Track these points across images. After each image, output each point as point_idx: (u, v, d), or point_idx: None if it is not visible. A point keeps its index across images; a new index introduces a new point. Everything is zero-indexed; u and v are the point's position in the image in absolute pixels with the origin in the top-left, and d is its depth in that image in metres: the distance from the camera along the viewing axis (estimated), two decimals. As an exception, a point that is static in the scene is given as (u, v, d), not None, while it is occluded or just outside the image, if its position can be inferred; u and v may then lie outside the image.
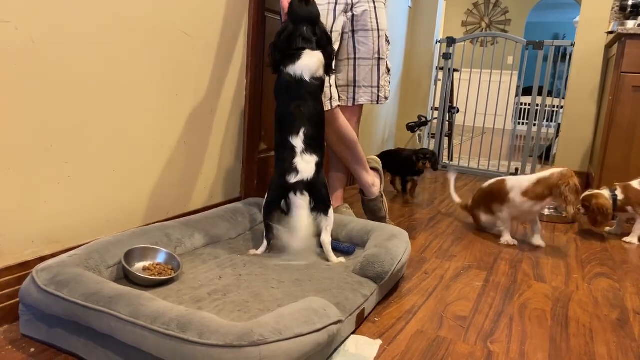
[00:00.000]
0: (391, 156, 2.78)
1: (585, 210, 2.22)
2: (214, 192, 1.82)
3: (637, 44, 2.45)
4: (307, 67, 1.50)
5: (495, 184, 2.12)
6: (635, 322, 1.39)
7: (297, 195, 1.44)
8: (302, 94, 1.50)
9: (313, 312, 0.98)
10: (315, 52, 1.53)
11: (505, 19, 8.35)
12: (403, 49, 3.68)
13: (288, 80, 1.50)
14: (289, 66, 1.50)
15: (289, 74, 1.50)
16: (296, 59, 1.50)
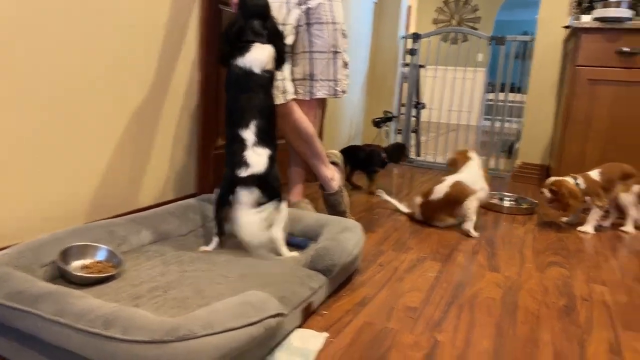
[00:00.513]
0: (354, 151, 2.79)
1: (554, 196, 2.23)
2: (167, 188, 1.78)
3: (592, 37, 2.51)
4: (256, 59, 1.48)
5: (454, 192, 2.08)
6: (582, 308, 1.41)
7: (245, 190, 1.41)
8: (252, 87, 1.48)
9: (250, 306, 0.96)
10: (266, 45, 1.51)
11: (475, 16, 8.47)
12: (369, 45, 3.68)
13: (237, 73, 1.48)
14: (238, 58, 1.48)
15: (238, 66, 1.48)
16: (245, 51, 1.48)
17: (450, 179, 2.13)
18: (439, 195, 2.10)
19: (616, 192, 2.27)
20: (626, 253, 1.99)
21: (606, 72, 2.48)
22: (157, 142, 1.71)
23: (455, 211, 2.12)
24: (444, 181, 2.13)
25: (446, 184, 2.11)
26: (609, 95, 2.49)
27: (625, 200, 2.28)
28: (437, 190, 2.11)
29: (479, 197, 2.09)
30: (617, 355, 1.16)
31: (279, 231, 1.49)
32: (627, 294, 1.54)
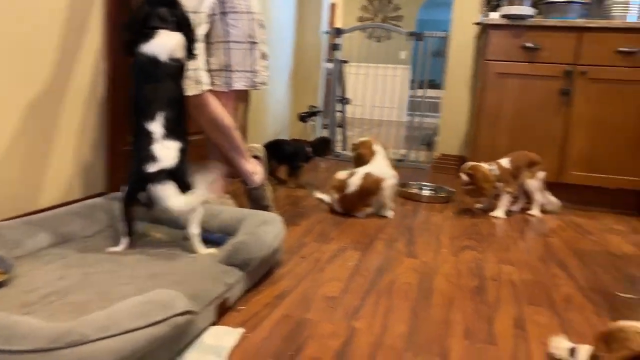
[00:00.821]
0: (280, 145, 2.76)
1: (470, 179, 2.34)
2: (72, 188, 1.65)
3: (499, 33, 2.65)
4: (163, 46, 1.41)
5: (367, 184, 2.15)
6: (492, 288, 1.49)
7: (159, 185, 1.33)
8: (159, 76, 1.40)
9: (154, 305, 0.90)
10: (174, 32, 1.44)
11: (398, 15, 8.73)
12: (292, 40, 3.66)
13: (143, 61, 1.40)
14: (143, 46, 1.40)
15: (143, 54, 1.40)
16: (150, 38, 1.40)
17: (361, 171, 2.19)
18: (354, 188, 2.14)
19: (523, 179, 2.43)
20: (533, 235, 2.13)
21: (512, 66, 2.64)
22: (58, 137, 1.58)
23: (370, 201, 2.19)
24: (355, 174, 2.17)
25: (358, 177, 2.16)
26: (515, 88, 2.65)
27: (532, 186, 2.44)
28: (351, 183, 2.15)
29: (390, 184, 2.19)
30: (521, 329, 1.23)
31: (195, 227, 1.43)
32: (532, 272, 1.65)
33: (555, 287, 1.53)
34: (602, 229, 2.28)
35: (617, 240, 2.10)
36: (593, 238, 2.11)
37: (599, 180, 2.61)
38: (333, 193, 2.20)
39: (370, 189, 2.16)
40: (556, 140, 2.63)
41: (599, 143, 2.59)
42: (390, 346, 1.10)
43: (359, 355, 1.06)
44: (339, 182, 2.19)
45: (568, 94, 2.58)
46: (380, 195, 2.18)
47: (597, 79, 2.54)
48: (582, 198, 2.68)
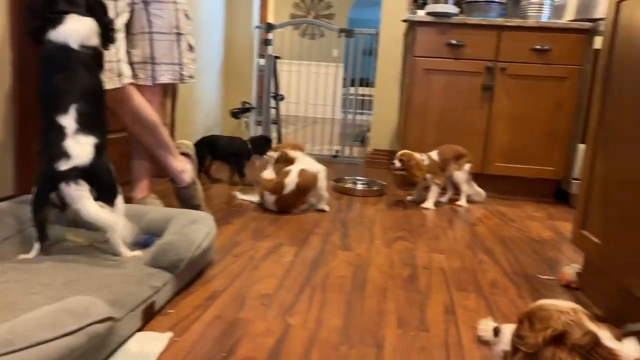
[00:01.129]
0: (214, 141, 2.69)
1: (403, 165, 2.39)
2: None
3: (426, 30, 2.74)
4: (73, 32, 1.30)
5: (305, 180, 2.15)
6: (423, 276, 1.52)
7: (71, 185, 1.23)
8: (70, 65, 1.29)
9: (67, 314, 0.83)
10: (85, 17, 1.33)
11: (329, 13, 8.82)
12: (222, 36, 3.57)
13: (51, 49, 1.28)
14: (50, 32, 1.28)
15: (51, 41, 1.28)
16: (58, 23, 1.28)
17: (294, 169, 2.18)
18: (292, 187, 2.13)
19: (450, 171, 2.52)
20: (461, 224, 2.22)
21: (438, 62, 2.74)
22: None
23: (307, 197, 2.19)
24: (289, 173, 2.16)
25: (294, 175, 2.15)
26: (441, 84, 2.75)
27: (459, 178, 2.54)
28: (288, 183, 2.13)
29: (324, 176, 2.24)
30: (451, 314, 1.27)
31: (116, 229, 1.34)
32: (460, 259, 1.71)
33: (482, 272, 1.59)
34: (523, 216, 2.42)
35: (536, 226, 2.24)
36: (515, 225, 2.23)
37: (519, 170, 2.77)
38: (268, 195, 2.16)
39: (309, 185, 2.17)
40: (480, 134, 2.76)
41: (517, 136, 2.75)
42: (325, 340, 1.09)
43: (293, 351, 1.04)
44: (275, 183, 2.16)
45: (490, 89, 2.71)
46: (317, 189, 2.21)
47: (515, 75, 2.69)
48: (505, 188, 2.84)
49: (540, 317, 0.75)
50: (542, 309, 0.76)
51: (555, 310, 0.74)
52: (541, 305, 0.78)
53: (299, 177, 2.15)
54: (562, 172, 2.73)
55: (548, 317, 0.73)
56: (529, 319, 0.77)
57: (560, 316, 0.73)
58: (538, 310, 0.76)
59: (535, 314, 0.76)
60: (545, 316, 0.74)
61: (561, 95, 2.67)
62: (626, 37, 1.31)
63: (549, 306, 0.76)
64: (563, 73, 2.65)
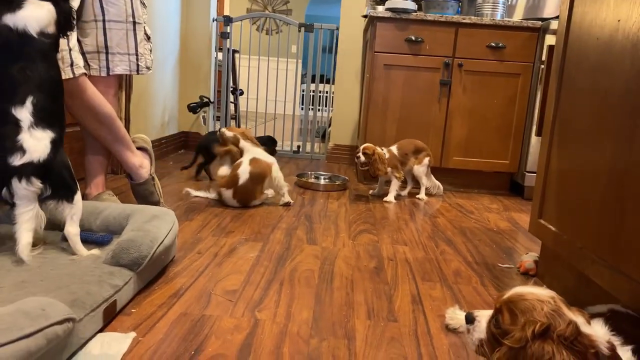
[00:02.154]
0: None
1: (367, 159, 2.42)
2: None
3: (386, 26, 2.76)
4: (33, 18, 1.21)
5: (258, 168, 2.13)
6: (389, 268, 1.54)
7: (22, 182, 1.15)
8: (28, 53, 1.21)
9: (22, 315, 0.77)
10: (44, 3, 1.25)
11: (287, 8, 8.77)
12: (178, 27, 3.46)
13: (7, 35, 1.19)
14: (6, 16, 1.19)
15: (7, 26, 1.19)
16: (16, 7, 1.19)
17: (245, 159, 2.15)
18: (246, 176, 2.10)
19: (410, 165, 2.56)
20: (421, 216, 2.26)
21: (398, 58, 2.77)
22: None
23: (263, 186, 2.18)
24: (241, 164, 2.12)
25: (246, 165, 2.12)
26: (401, 79, 2.79)
27: (418, 172, 2.59)
28: (241, 173, 2.10)
29: (277, 167, 2.22)
30: (418, 304, 1.28)
31: (74, 227, 1.27)
32: (423, 250, 1.74)
33: (445, 262, 1.63)
34: (480, 208, 2.49)
35: (493, 217, 2.31)
36: (473, 217, 2.30)
37: (475, 164, 2.85)
38: (224, 190, 2.11)
39: (262, 173, 2.15)
40: (438, 128, 2.82)
41: (474, 130, 2.83)
42: (296, 334, 1.08)
43: (264, 346, 1.02)
44: (228, 177, 2.12)
45: (447, 85, 2.77)
46: (273, 179, 2.19)
47: (471, 71, 2.76)
48: (462, 181, 2.92)
49: (522, 308, 0.73)
50: (522, 298, 0.74)
51: (536, 300, 0.73)
52: (520, 294, 0.76)
53: (251, 166, 2.12)
54: (516, 165, 2.83)
55: (530, 309, 0.72)
56: (510, 309, 0.75)
57: (542, 307, 0.71)
58: (518, 300, 0.75)
59: (515, 304, 0.74)
60: (527, 307, 0.73)
61: (514, 91, 2.77)
62: (578, 33, 1.37)
63: (528, 295, 0.75)
64: (516, 69, 2.74)
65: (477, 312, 0.82)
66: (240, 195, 2.11)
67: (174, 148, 3.50)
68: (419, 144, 2.60)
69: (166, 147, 3.31)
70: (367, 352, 1.03)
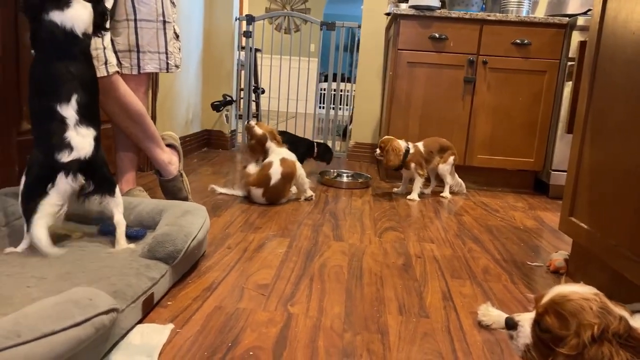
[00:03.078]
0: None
1: (381, 152, 2.45)
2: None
3: (410, 23, 2.75)
4: (79, 19, 1.25)
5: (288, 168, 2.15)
6: (417, 265, 1.54)
7: (68, 178, 1.19)
8: (73, 52, 1.25)
9: (72, 304, 0.80)
10: (87, 3, 1.28)
11: (305, 7, 8.79)
12: (202, 27, 3.50)
13: (53, 32, 1.22)
14: (54, 13, 1.22)
15: (55, 23, 1.22)
16: (65, 6, 1.22)
17: (275, 159, 2.16)
18: (277, 177, 2.12)
19: (434, 163, 2.55)
20: (446, 214, 2.25)
21: (421, 55, 2.76)
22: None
23: (291, 185, 2.21)
24: (271, 165, 2.14)
25: (277, 166, 2.14)
26: (424, 76, 2.78)
27: (443, 170, 2.58)
28: (273, 173, 2.12)
29: (299, 165, 2.26)
30: (449, 300, 1.28)
31: (121, 217, 1.31)
32: (450, 248, 1.73)
33: (473, 260, 1.62)
34: (505, 206, 2.47)
35: (519, 216, 2.29)
36: (499, 215, 2.28)
37: (500, 162, 2.83)
38: (254, 189, 2.13)
39: (292, 172, 2.18)
40: (462, 126, 2.80)
41: (498, 128, 2.80)
42: (329, 328, 1.09)
43: (299, 339, 1.03)
44: (259, 176, 2.13)
45: (471, 82, 2.75)
46: (297, 177, 2.22)
47: (495, 68, 2.74)
48: (486, 179, 2.89)
49: (570, 310, 0.69)
50: (566, 299, 0.70)
51: (582, 300, 0.69)
52: (563, 294, 0.72)
53: (282, 166, 2.14)
54: (541, 163, 2.80)
55: (579, 310, 0.68)
56: (556, 312, 0.71)
57: (590, 306, 0.68)
58: (563, 301, 0.71)
59: (561, 306, 0.70)
60: (575, 308, 0.69)
61: (540, 88, 2.74)
62: (613, 28, 1.35)
63: (572, 295, 0.71)
64: (542, 66, 2.71)
65: (517, 316, 0.79)
66: (270, 194, 2.13)
67: (197, 146, 3.54)
68: (445, 143, 2.58)
69: (190, 145, 3.35)
70: (401, 346, 1.03)
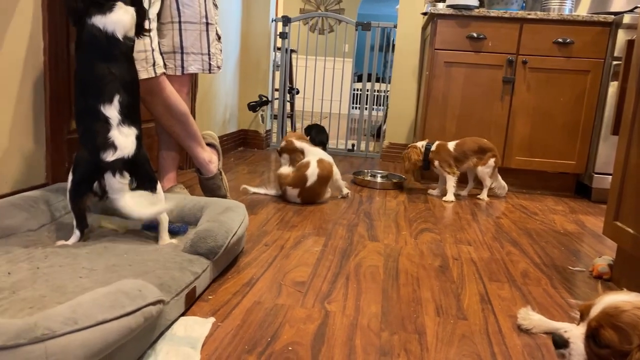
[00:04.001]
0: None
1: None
2: (7, 178, 1.51)
3: (447, 23, 2.72)
4: (121, 23, 1.30)
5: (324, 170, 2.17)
6: (454, 267, 1.52)
7: (117, 176, 1.24)
8: (115, 55, 1.30)
9: (123, 295, 0.83)
10: (129, 7, 1.34)
11: (339, 8, 8.80)
12: (239, 28, 3.57)
13: (96, 36, 1.28)
14: (97, 18, 1.28)
15: (97, 27, 1.28)
16: (107, 10, 1.28)
17: (312, 160, 2.18)
18: (314, 178, 2.14)
19: (471, 165, 2.51)
20: (484, 217, 2.21)
21: (459, 55, 2.72)
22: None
23: (327, 186, 2.24)
24: (308, 165, 2.16)
25: (314, 166, 2.15)
26: (461, 76, 2.74)
27: (482, 173, 2.53)
28: (310, 174, 2.14)
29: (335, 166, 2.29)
30: (487, 303, 1.27)
31: (164, 213, 1.36)
32: (488, 250, 1.71)
33: (512, 263, 1.59)
34: (545, 210, 2.41)
35: (559, 219, 2.23)
36: (538, 218, 2.23)
37: (539, 164, 2.76)
38: (290, 189, 2.16)
39: (329, 174, 2.20)
40: (501, 127, 2.75)
41: (538, 129, 2.74)
42: (367, 326, 1.10)
43: (336, 337, 1.04)
44: (296, 176, 2.16)
45: (510, 82, 2.70)
46: (334, 181, 2.26)
47: (536, 68, 2.68)
48: (524, 182, 2.83)
49: (628, 322, 0.67)
50: (620, 310, 0.68)
51: (636, 309, 0.67)
52: (615, 305, 0.69)
53: (319, 168, 2.16)
54: (583, 166, 2.71)
55: (637, 321, 0.66)
56: (613, 325, 0.68)
57: None
58: (617, 313, 0.68)
59: (617, 318, 0.68)
60: (633, 320, 0.66)
61: (583, 88, 2.66)
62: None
63: (624, 305, 0.68)
64: (585, 66, 2.63)
65: (565, 332, 0.76)
66: (306, 194, 2.15)
67: (233, 145, 3.61)
68: (485, 144, 2.53)
69: (227, 145, 3.42)
70: (439, 347, 1.03)
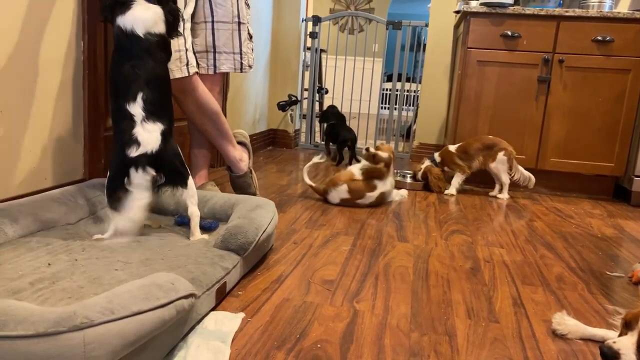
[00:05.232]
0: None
1: (427, 182, 2.56)
2: (47, 173, 1.56)
3: (480, 21, 2.68)
4: (139, 19, 1.32)
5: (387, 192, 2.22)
6: (486, 269, 1.49)
7: (139, 171, 1.27)
8: (137, 52, 1.32)
9: (157, 287, 0.85)
10: (151, 5, 1.36)
11: (370, 7, 8.76)
12: (270, 28, 3.60)
13: (119, 34, 1.32)
14: (119, 17, 1.31)
15: (119, 26, 1.31)
16: (126, 8, 1.31)
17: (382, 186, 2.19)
18: (370, 200, 2.16)
19: (479, 163, 2.49)
20: (517, 219, 2.16)
21: (492, 54, 2.67)
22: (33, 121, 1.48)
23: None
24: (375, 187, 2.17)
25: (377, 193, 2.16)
26: (495, 75, 2.68)
27: (495, 169, 2.49)
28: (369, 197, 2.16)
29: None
30: (520, 306, 1.24)
31: (196, 208, 1.38)
32: (521, 253, 1.67)
33: (546, 267, 1.55)
34: (581, 213, 2.33)
35: (596, 223, 2.16)
36: (574, 222, 2.16)
37: (575, 166, 2.68)
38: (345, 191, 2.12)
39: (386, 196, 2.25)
40: (535, 127, 2.68)
41: (574, 130, 2.65)
42: (396, 326, 1.09)
43: (365, 336, 1.04)
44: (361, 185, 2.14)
45: (546, 82, 2.63)
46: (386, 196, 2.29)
47: (573, 67, 2.60)
48: (559, 184, 2.75)
49: None
50: None
51: None
52: None
53: (377, 198, 2.18)
54: (623, 168, 2.62)
55: None
56: None
57: None
58: None
59: None
60: None
61: (623, 88, 2.57)
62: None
63: None
64: (626, 65, 2.54)
65: (614, 343, 0.73)
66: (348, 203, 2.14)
67: (263, 144, 3.64)
68: (489, 140, 2.50)
69: (256, 144, 3.45)
70: (469, 349, 1.01)
